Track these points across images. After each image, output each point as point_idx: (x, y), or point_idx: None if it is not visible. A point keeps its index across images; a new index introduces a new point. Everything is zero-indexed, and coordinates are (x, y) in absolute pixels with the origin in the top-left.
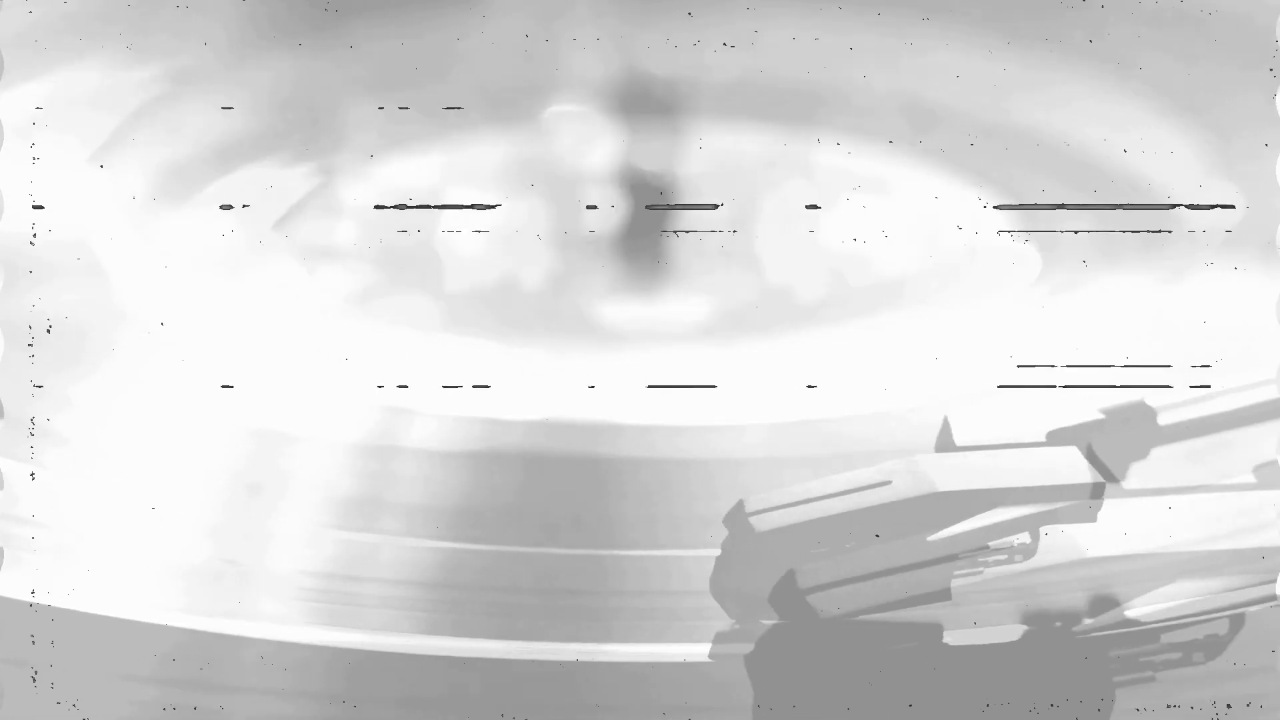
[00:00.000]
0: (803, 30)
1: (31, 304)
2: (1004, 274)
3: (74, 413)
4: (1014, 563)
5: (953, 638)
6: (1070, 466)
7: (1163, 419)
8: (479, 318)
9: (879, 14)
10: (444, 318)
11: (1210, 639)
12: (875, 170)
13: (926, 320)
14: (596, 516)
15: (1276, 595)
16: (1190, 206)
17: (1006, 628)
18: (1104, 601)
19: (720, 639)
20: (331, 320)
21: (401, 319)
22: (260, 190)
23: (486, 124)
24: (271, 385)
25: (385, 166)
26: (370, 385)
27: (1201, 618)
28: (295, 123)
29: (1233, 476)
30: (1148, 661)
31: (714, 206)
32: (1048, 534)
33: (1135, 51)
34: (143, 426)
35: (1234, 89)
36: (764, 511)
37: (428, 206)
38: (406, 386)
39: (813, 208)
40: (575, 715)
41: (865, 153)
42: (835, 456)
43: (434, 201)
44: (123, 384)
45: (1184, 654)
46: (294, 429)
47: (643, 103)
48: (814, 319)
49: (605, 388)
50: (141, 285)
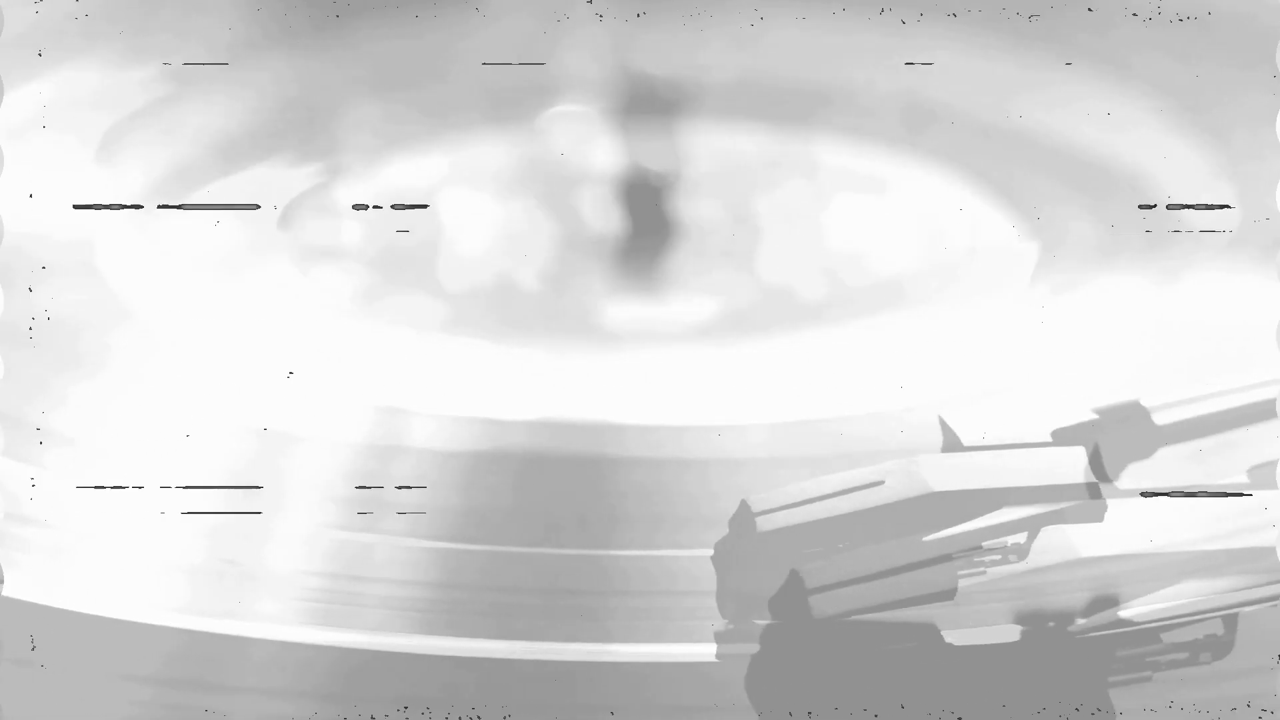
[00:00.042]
0: (803, 30)
1: (31, 304)
2: (1004, 274)
3: (74, 413)
4: (1012, 563)
5: (952, 638)
6: (1070, 466)
7: (1162, 419)
8: (479, 318)
9: (879, 14)
10: (444, 318)
11: (1210, 639)
12: (876, 170)
13: (926, 320)
14: (597, 516)
15: (1277, 595)
16: (1189, 206)
17: (1006, 628)
18: (1103, 601)
19: (720, 639)
20: (331, 320)
21: (401, 319)
22: (260, 190)
23: (486, 124)
24: (271, 385)
25: (385, 166)
26: (370, 385)
27: (1201, 618)
28: (295, 123)
29: (1231, 476)
30: (1148, 661)
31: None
32: (1046, 534)
33: (1135, 51)
34: (143, 426)
35: (1235, 90)
36: (765, 512)
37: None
38: (406, 386)
39: (813, 207)
40: (575, 715)
41: (866, 153)
42: (835, 456)
43: (424, 203)
44: (123, 384)
45: (1184, 654)
46: (294, 429)
47: (643, 103)
48: (814, 319)
49: (605, 388)
50: (141, 285)
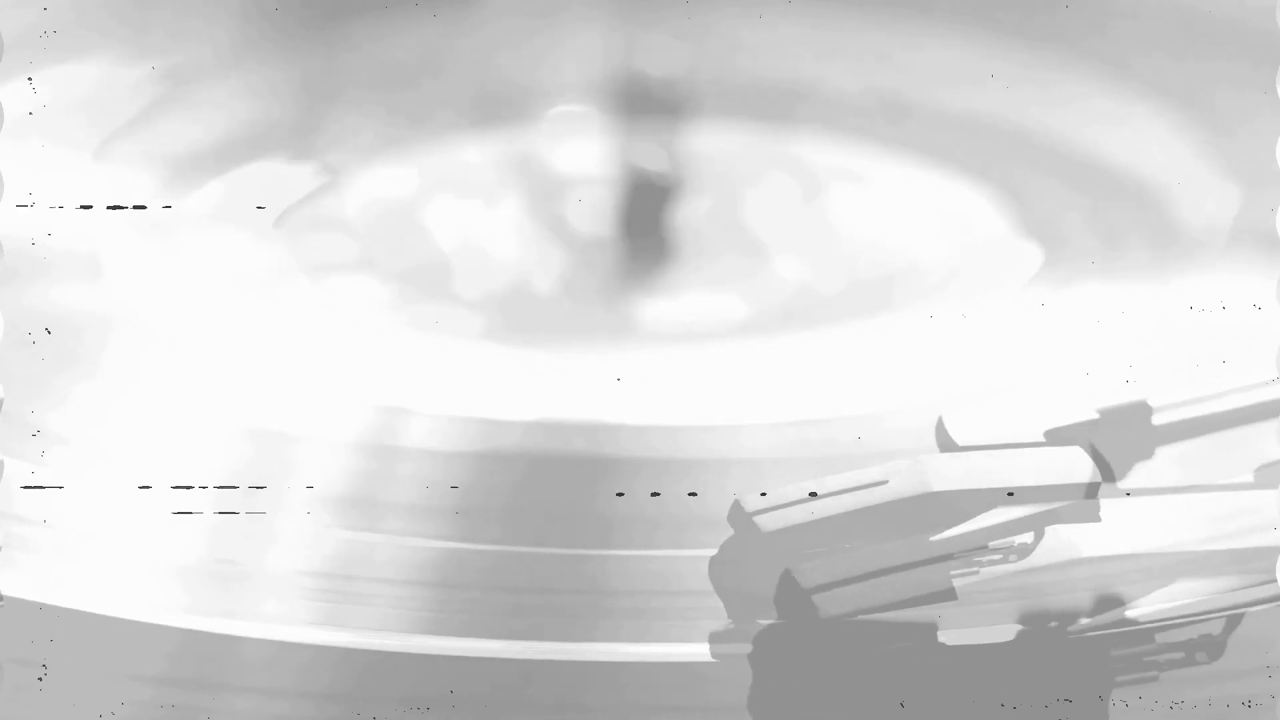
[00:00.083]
0: (803, 29)
1: (31, 304)
2: (1004, 274)
3: (74, 413)
4: (1013, 562)
5: (952, 638)
6: (1070, 466)
7: (1162, 419)
8: (479, 318)
9: (879, 12)
10: (443, 317)
11: (1210, 639)
12: (876, 170)
13: (926, 320)
14: (596, 516)
15: (1276, 595)
16: (1189, 206)
17: (1006, 627)
18: (1103, 601)
19: (720, 639)
20: (331, 319)
21: (401, 318)
22: (260, 189)
23: (486, 124)
24: (271, 385)
25: (384, 167)
26: (369, 384)
27: (1201, 618)
28: (295, 122)
29: (1233, 476)
30: (1148, 661)
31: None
32: (1047, 534)
33: (1135, 50)
34: (143, 426)
35: (1234, 87)
36: (765, 511)
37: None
38: (407, 386)
39: (812, 207)
40: (574, 715)
41: (866, 153)
42: (835, 456)
43: (424, 204)
44: (123, 384)
45: (1184, 654)
46: (294, 429)
47: (641, 102)
48: (814, 319)
49: (605, 387)
50: (141, 285)
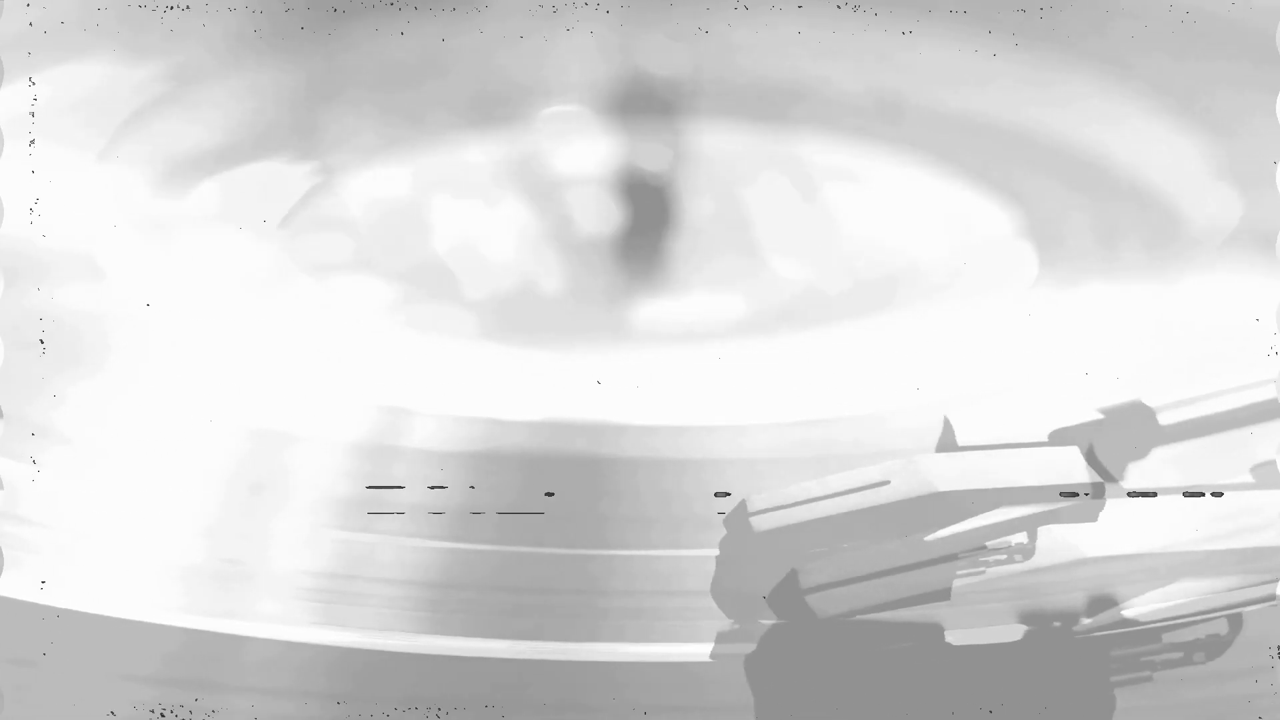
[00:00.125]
0: (802, 29)
1: (31, 304)
2: (1004, 274)
3: (74, 413)
4: (1013, 563)
5: (952, 638)
6: (1070, 466)
7: (1162, 419)
8: (479, 318)
9: (879, 13)
10: (443, 317)
11: (1210, 639)
12: (876, 170)
13: (926, 320)
14: (597, 517)
15: (1276, 595)
16: (1189, 206)
17: (1006, 628)
18: (1104, 601)
19: (720, 639)
20: (332, 320)
21: (401, 318)
22: (260, 189)
23: (486, 124)
24: (272, 385)
25: (385, 167)
26: (370, 384)
27: (1201, 618)
28: (295, 123)
29: (1233, 476)
30: (1148, 661)
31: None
32: (1047, 534)
33: (1135, 50)
34: (143, 426)
35: (1234, 87)
36: (764, 511)
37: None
38: (408, 386)
39: (811, 207)
40: (574, 715)
41: (867, 153)
42: (835, 456)
43: (424, 204)
44: (123, 384)
45: (1184, 654)
46: (294, 429)
47: (642, 102)
48: (814, 319)
49: (605, 388)
50: (142, 285)
